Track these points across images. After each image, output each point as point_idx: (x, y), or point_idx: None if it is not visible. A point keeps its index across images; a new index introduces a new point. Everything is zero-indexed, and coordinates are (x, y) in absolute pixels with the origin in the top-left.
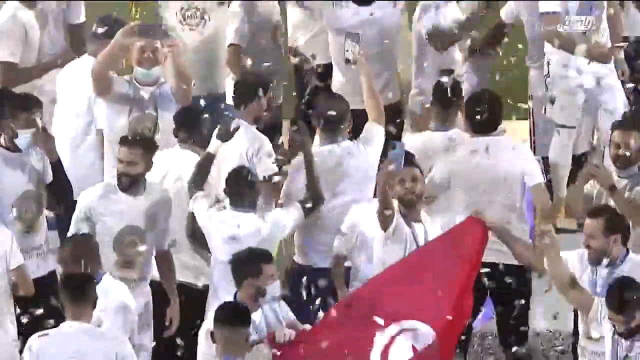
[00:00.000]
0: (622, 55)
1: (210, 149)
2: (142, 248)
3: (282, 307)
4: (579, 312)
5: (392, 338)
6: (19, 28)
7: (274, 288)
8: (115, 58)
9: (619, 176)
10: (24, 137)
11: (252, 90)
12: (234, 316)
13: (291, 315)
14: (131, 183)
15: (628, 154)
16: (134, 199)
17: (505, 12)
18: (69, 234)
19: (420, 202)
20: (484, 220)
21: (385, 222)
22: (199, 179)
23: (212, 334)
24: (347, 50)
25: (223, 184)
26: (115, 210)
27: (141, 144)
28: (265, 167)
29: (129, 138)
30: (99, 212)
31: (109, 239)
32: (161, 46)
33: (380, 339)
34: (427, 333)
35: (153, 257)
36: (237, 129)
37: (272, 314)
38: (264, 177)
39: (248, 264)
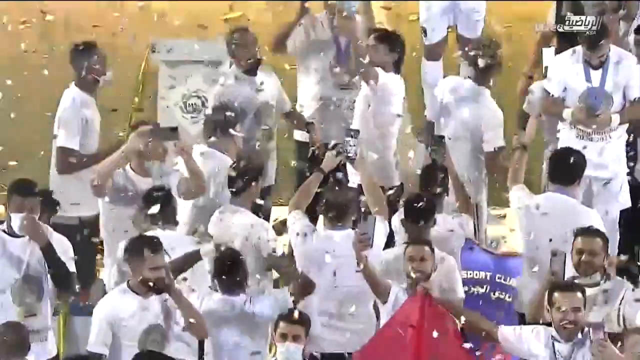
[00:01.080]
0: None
1: (202, 251)
2: (165, 345)
3: None
4: None
5: None
6: (80, 114)
7: None
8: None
9: (581, 283)
10: (15, 221)
11: (246, 179)
12: None
13: None
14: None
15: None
16: (150, 299)
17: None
18: (88, 347)
19: (429, 281)
20: (428, 294)
21: (381, 295)
22: (178, 271)
23: None
24: (347, 141)
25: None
26: (135, 313)
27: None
28: (266, 246)
29: (157, 242)
30: (119, 318)
31: (134, 342)
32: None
33: None
34: None
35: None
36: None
37: None
38: (269, 253)
39: None
